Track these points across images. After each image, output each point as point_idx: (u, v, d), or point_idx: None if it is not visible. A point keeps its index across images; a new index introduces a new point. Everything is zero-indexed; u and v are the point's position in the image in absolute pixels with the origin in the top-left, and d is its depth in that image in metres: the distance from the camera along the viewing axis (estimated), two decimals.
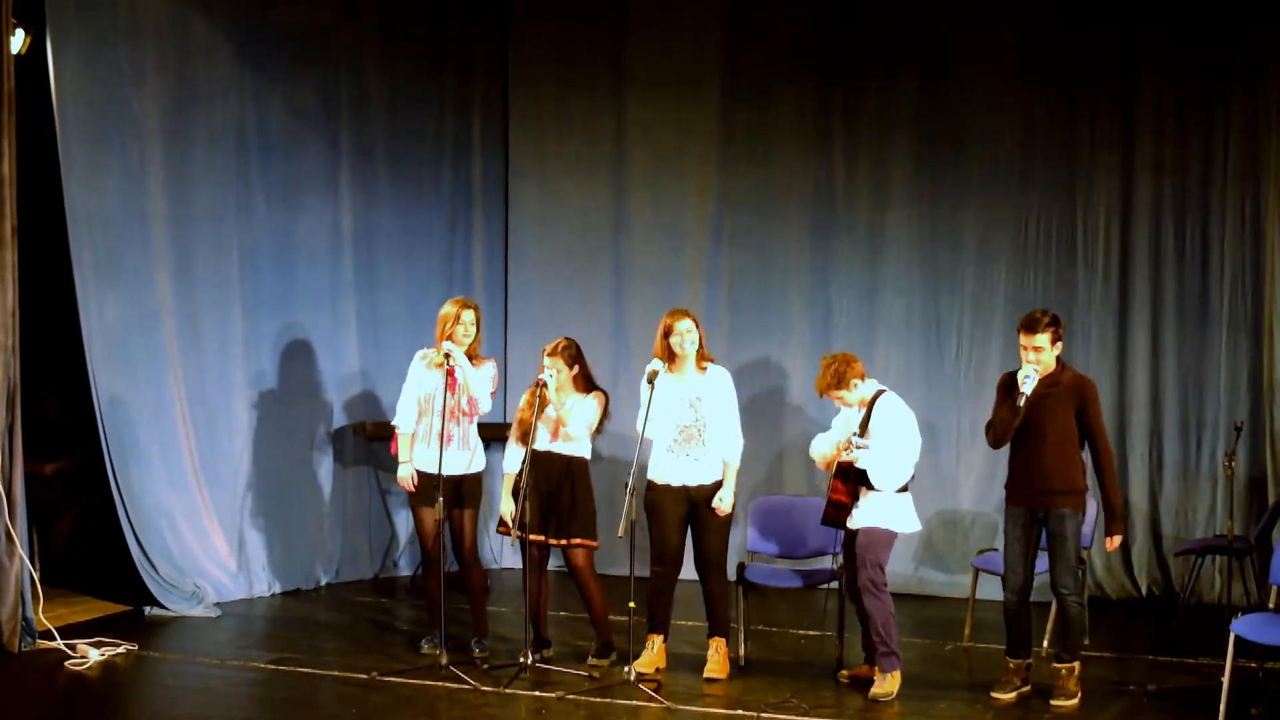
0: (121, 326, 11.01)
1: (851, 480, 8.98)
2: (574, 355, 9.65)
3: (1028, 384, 8.69)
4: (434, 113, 13.36)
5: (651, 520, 9.49)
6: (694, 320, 9.45)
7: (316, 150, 12.47)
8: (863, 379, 9.09)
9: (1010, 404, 8.78)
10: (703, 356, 9.50)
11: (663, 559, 9.52)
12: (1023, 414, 8.75)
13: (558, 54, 13.58)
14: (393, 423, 10.11)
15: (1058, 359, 8.86)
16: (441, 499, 9.53)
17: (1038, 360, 8.75)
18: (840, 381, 9.05)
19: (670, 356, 9.43)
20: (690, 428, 9.44)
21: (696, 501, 9.45)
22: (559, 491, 9.59)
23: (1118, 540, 8.99)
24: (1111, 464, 8.92)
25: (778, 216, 12.85)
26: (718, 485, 9.45)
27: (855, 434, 8.99)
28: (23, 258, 9.87)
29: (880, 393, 9.09)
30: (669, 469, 9.46)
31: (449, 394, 9.68)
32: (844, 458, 8.96)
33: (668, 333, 9.42)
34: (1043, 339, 8.73)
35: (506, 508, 9.67)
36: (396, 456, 10.06)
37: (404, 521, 13.01)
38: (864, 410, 9.07)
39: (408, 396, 9.99)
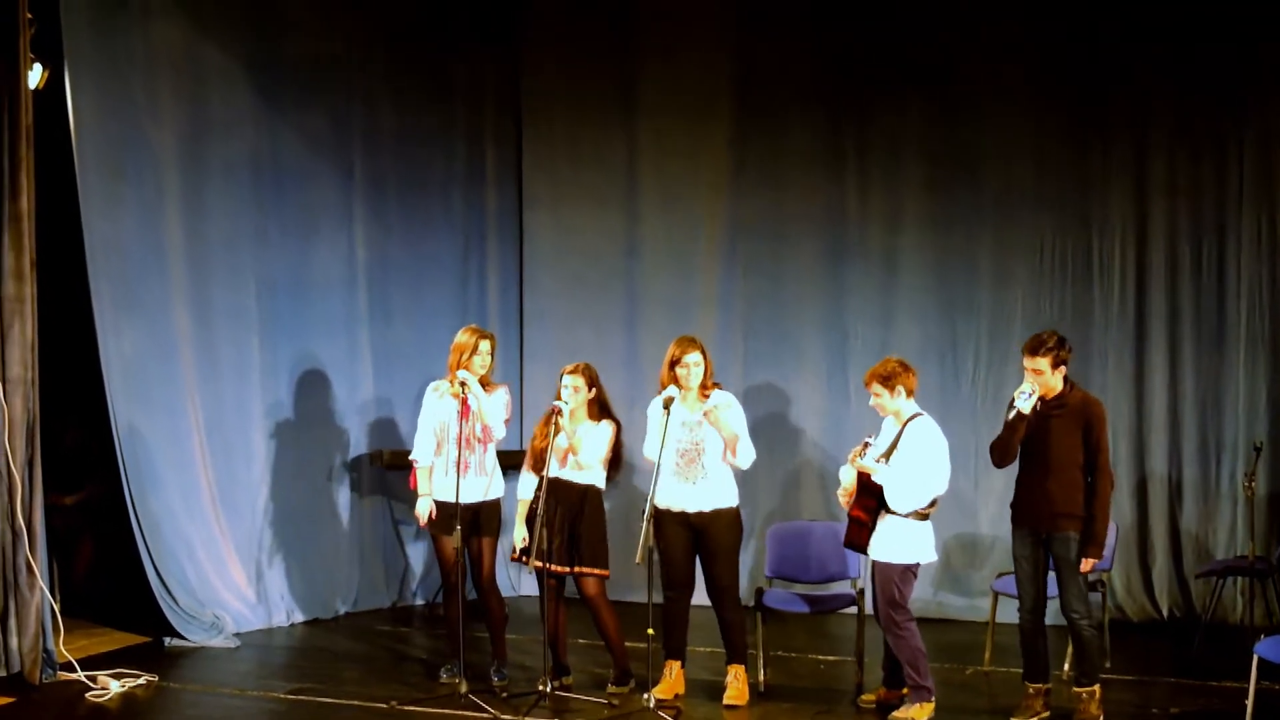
0: (139, 357, 11.04)
1: (872, 498, 8.95)
2: (593, 377, 9.66)
3: (1022, 398, 8.71)
4: (445, 142, 13.39)
5: (659, 545, 9.47)
6: (702, 351, 9.45)
7: (330, 180, 12.50)
8: (910, 394, 9.06)
9: (1007, 422, 8.80)
10: (705, 386, 9.49)
11: (672, 583, 9.52)
12: (1021, 431, 8.79)
13: (569, 83, 13.61)
14: (410, 457, 10.13)
15: (1066, 380, 8.87)
16: (460, 527, 9.55)
17: (1037, 381, 8.76)
18: (890, 377, 9.00)
19: (675, 385, 9.45)
20: (690, 451, 9.42)
21: (699, 528, 9.43)
22: (572, 520, 9.58)
23: (1091, 563, 8.82)
24: (1106, 489, 8.84)
25: (791, 242, 12.85)
26: (719, 511, 9.42)
27: (866, 440, 8.97)
28: (42, 289, 9.91)
29: (917, 415, 9.06)
30: (670, 494, 9.42)
31: (463, 422, 9.70)
32: (859, 464, 8.90)
33: (674, 363, 9.44)
34: (1042, 363, 8.75)
35: (519, 534, 9.70)
36: (416, 490, 10.07)
37: (420, 550, 13.01)
38: (899, 428, 9.04)
39: (424, 430, 9.98)
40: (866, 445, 8.96)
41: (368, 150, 12.76)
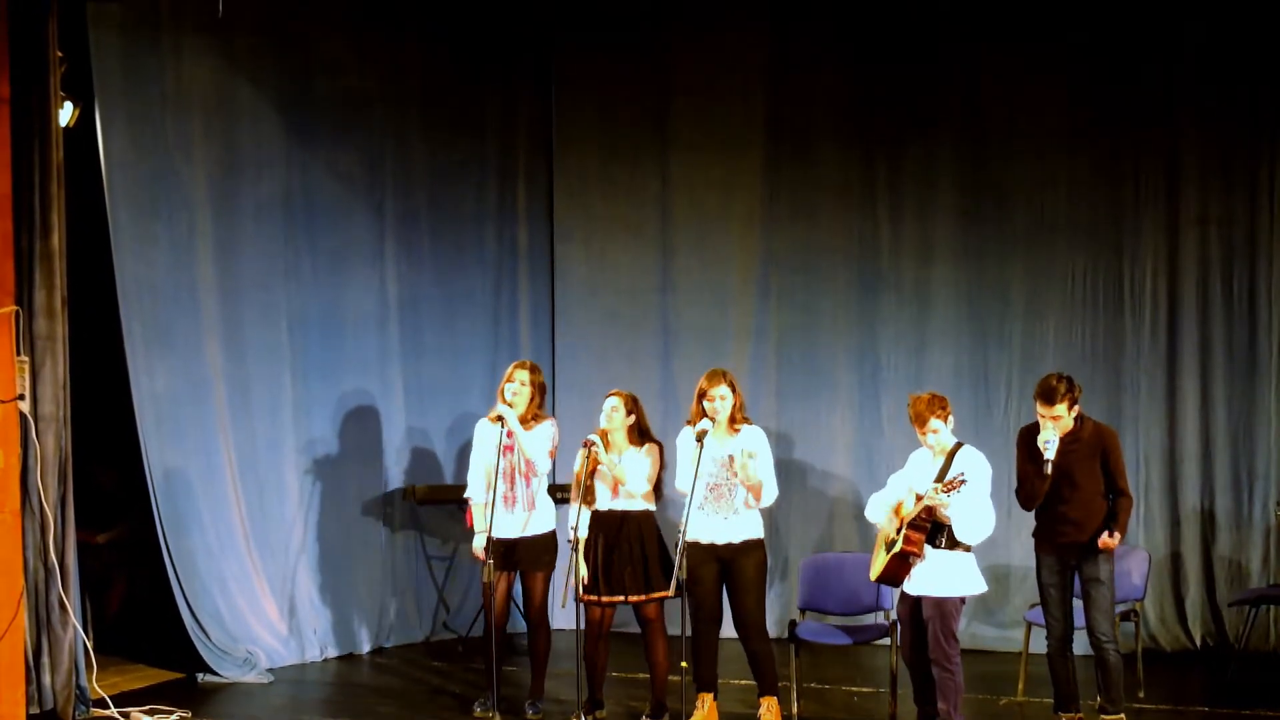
0: (172, 395, 11.08)
1: (924, 531, 8.88)
2: (634, 404, 9.64)
3: (1049, 448, 8.73)
4: (477, 178, 13.38)
5: (688, 578, 9.44)
6: (730, 384, 9.43)
7: (361, 217, 12.53)
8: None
9: (1037, 469, 8.82)
10: (735, 419, 9.48)
11: (703, 616, 9.48)
12: (1051, 477, 8.77)
13: (601, 117, 13.63)
14: (465, 494, 10.13)
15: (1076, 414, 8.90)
16: (490, 562, 9.55)
17: (1056, 427, 8.77)
18: (945, 405, 8.95)
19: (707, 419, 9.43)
20: (721, 486, 9.41)
21: (726, 560, 9.40)
22: (630, 548, 9.55)
23: (1115, 539, 8.80)
24: (1129, 505, 8.93)
25: (823, 274, 12.83)
26: (747, 544, 9.40)
27: (961, 476, 8.68)
28: (73, 328, 9.97)
29: (960, 445, 9.00)
30: (699, 527, 9.39)
31: (503, 456, 9.70)
32: (933, 501, 8.73)
33: (702, 396, 9.44)
34: (1060, 409, 8.80)
35: (584, 571, 9.59)
36: (474, 528, 10.05)
37: (453, 585, 12.99)
38: (943, 459, 8.97)
39: (475, 467, 10.00)
40: (963, 482, 8.71)
41: (399, 186, 12.79)
